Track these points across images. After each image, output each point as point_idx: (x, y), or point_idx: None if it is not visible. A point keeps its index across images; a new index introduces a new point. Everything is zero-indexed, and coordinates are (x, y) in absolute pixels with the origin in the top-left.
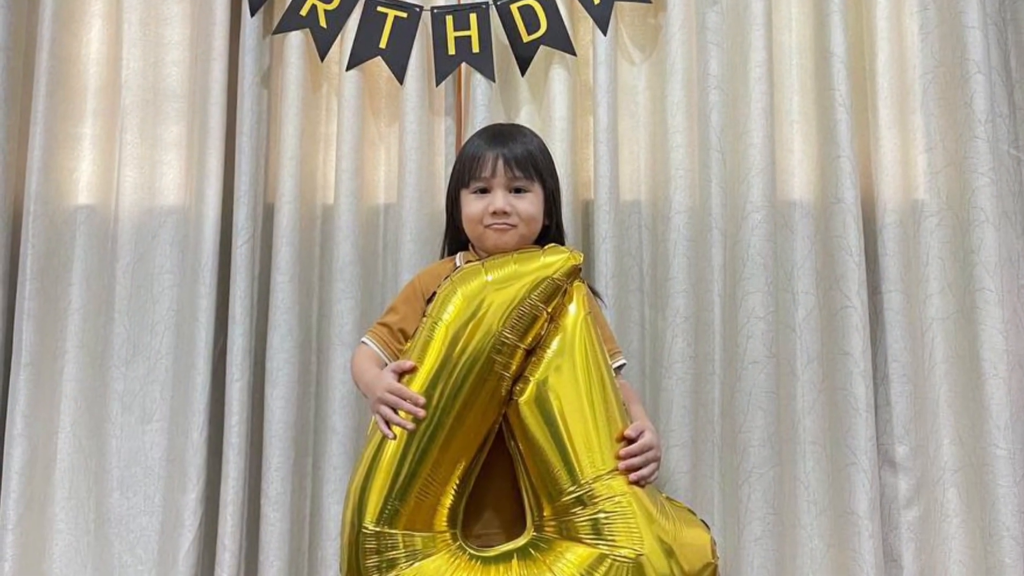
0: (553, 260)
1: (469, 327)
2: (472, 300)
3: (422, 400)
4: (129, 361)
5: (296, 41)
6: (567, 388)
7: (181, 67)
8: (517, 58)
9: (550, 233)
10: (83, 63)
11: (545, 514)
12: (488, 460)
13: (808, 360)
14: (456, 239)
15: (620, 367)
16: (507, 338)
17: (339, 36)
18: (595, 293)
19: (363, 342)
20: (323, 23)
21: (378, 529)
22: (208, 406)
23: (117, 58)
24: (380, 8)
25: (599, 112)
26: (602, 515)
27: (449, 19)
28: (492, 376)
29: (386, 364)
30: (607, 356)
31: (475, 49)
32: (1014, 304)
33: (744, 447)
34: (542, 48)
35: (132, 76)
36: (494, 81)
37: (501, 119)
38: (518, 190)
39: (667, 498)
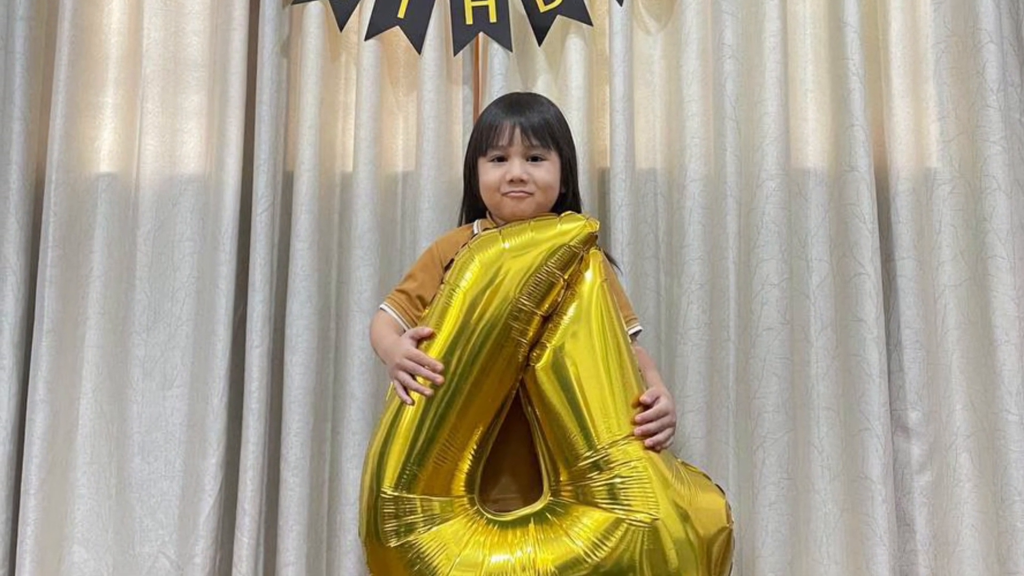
0: (570, 227)
1: (487, 294)
2: (490, 267)
3: (440, 366)
4: (150, 327)
5: (315, 11)
6: (583, 354)
7: (201, 37)
8: (534, 28)
9: (567, 201)
10: (104, 32)
11: (562, 479)
12: (505, 426)
13: (822, 326)
14: (474, 207)
15: (636, 333)
16: (524, 305)
17: (358, 6)
18: (611, 260)
19: (381, 309)
20: None
21: (396, 494)
22: (228, 372)
23: (138, 28)
24: None
25: (615, 81)
26: (618, 480)
27: None
28: (509, 342)
29: (404, 330)
30: (623, 323)
31: (492, 19)
32: None
33: (759, 413)
34: (559, 18)
35: (153, 45)
36: (511, 51)
37: (518, 88)
38: (535, 158)
39: (682, 463)
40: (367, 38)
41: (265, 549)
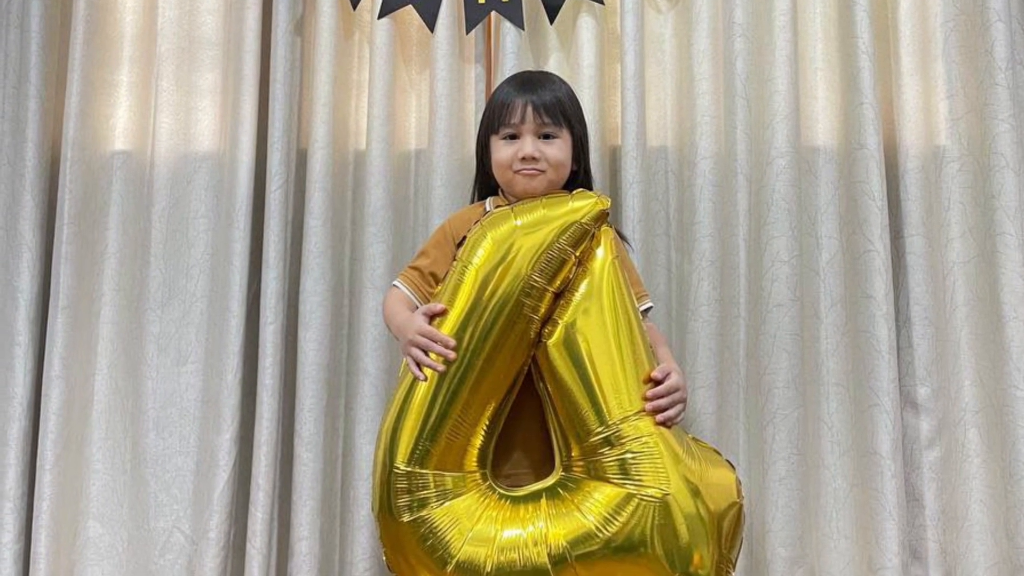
0: (581, 205)
1: (499, 271)
2: (502, 244)
3: (452, 342)
4: (165, 304)
5: None
6: (595, 330)
7: (216, 15)
8: (546, 7)
9: (578, 178)
10: (119, 11)
11: (573, 454)
12: (517, 401)
13: (832, 303)
14: (486, 184)
15: (647, 310)
16: (536, 281)
17: None
18: (622, 237)
19: (394, 285)
20: None
21: (409, 469)
22: (242, 348)
23: (153, 6)
24: None
25: (626, 60)
26: (629, 455)
27: None
28: (521, 319)
29: (417, 307)
30: (634, 299)
31: None
32: None
33: (769, 389)
34: None
35: (168, 24)
36: (523, 29)
37: (530, 67)
38: (547, 136)
39: (693, 439)
40: (380, 16)
41: (279, 524)
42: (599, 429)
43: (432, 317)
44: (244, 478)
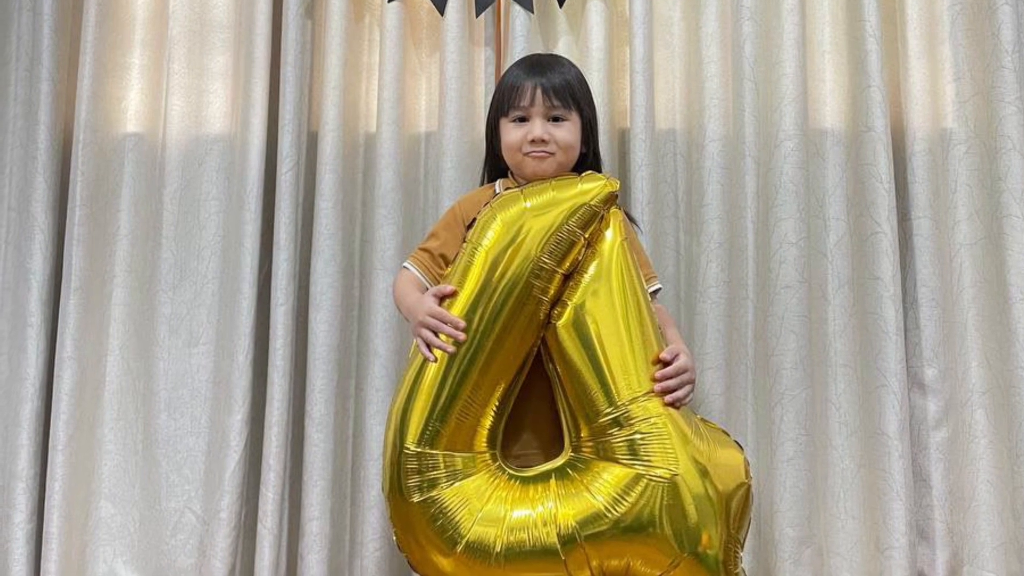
0: (590, 187)
1: (508, 252)
2: (511, 226)
3: (462, 324)
4: (176, 286)
5: None
6: (604, 312)
7: None
8: None
9: (587, 161)
10: None
11: (582, 435)
12: (527, 382)
13: (839, 285)
14: (495, 167)
15: (655, 292)
16: (545, 263)
17: None
18: (631, 219)
19: (405, 267)
20: None
21: (419, 450)
22: (253, 329)
23: None
24: None
25: (635, 43)
26: (638, 436)
27: None
28: (530, 300)
29: (427, 288)
30: (643, 281)
31: None
32: None
33: (777, 370)
34: None
35: (179, 7)
36: (533, 12)
37: (539, 50)
38: (556, 119)
39: (701, 419)
40: (390, 0)
41: (290, 504)
42: (608, 410)
43: (442, 298)
44: (255, 459)
